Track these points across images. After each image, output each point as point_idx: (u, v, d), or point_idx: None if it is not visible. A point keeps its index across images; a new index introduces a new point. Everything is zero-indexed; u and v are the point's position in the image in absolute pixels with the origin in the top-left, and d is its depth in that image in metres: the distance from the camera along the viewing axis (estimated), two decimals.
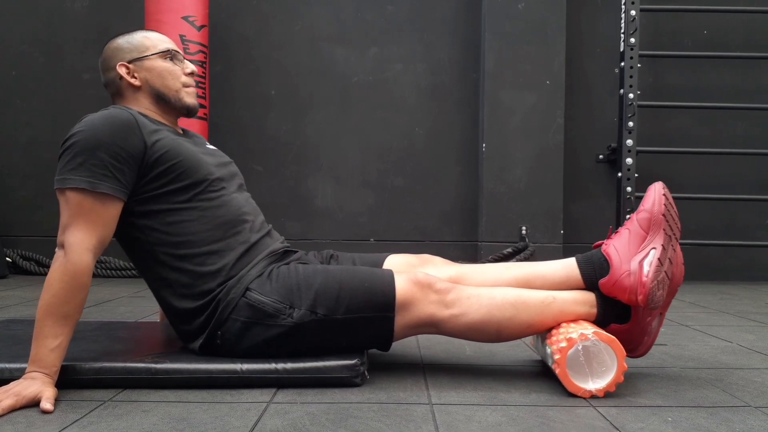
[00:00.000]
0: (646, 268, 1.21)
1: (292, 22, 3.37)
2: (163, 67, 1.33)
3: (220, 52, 3.33)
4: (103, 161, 1.16)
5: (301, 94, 3.37)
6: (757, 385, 1.28)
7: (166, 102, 1.34)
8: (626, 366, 1.17)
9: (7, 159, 3.33)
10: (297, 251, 1.43)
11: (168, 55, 1.34)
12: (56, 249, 1.15)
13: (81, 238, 1.14)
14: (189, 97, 1.36)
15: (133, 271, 3.06)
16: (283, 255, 1.36)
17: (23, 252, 3.20)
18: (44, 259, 3.17)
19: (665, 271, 1.21)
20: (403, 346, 1.59)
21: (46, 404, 1.05)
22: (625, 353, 1.17)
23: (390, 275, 1.24)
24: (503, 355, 1.52)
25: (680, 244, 1.33)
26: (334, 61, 3.37)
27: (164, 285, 1.27)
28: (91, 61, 3.32)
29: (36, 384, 1.08)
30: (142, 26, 2.90)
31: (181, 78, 1.35)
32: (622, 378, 1.17)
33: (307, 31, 3.37)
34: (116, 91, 1.35)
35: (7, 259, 3.15)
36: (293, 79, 3.37)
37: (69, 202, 1.15)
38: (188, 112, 1.37)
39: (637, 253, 1.24)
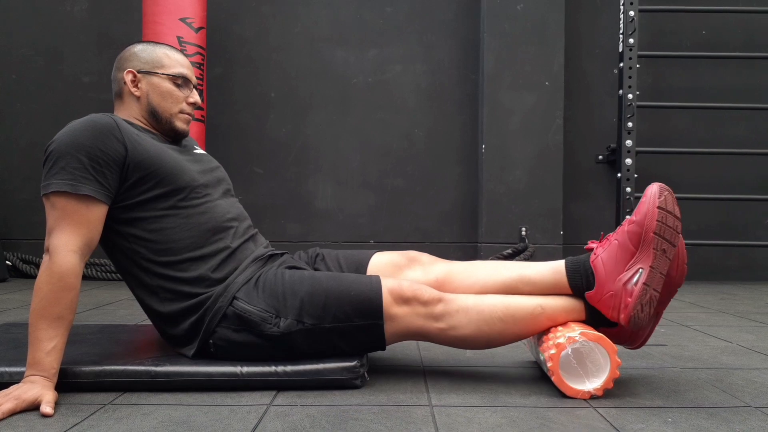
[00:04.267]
0: (629, 288, 1.18)
1: (292, 24, 3.37)
2: (167, 89, 1.34)
3: (220, 53, 3.33)
4: (83, 164, 1.17)
5: (301, 95, 3.38)
6: (757, 385, 1.28)
7: (157, 120, 1.35)
8: (620, 360, 1.17)
9: (7, 162, 3.33)
10: (283, 253, 1.42)
11: (178, 80, 1.34)
12: (44, 255, 1.16)
13: (65, 240, 1.15)
14: (180, 122, 1.36)
15: None
16: (269, 259, 1.36)
17: (23, 255, 3.19)
18: None
19: (653, 289, 1.18)
20: (403, 348, 1.60)
21: (46, 408, 1.05)
22: (616, 348, 1.17)
23: (377, 283, 1.24)
24: (503, 357, 1.52)
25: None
26: (333, 63, 3.38)
27: (147, 291, 1.27)
28: (90, 64, 3.33)
29: (36, 387, 1.08)
30: (140, 29, 2.91)
31: (181, 104, 1.35)
32: (618, 373, 1.17)
33: (306, 32, 3.37)
34: (118, 91, 1.36)
35: (7, 262, 3.14)
36: (293, 81, 3.37)
37: (53, 207, 1.16)
38: (175, 135, 1.37)
39: (623, 271, 1.20)
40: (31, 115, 3.33)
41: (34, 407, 1.07)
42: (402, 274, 1.37)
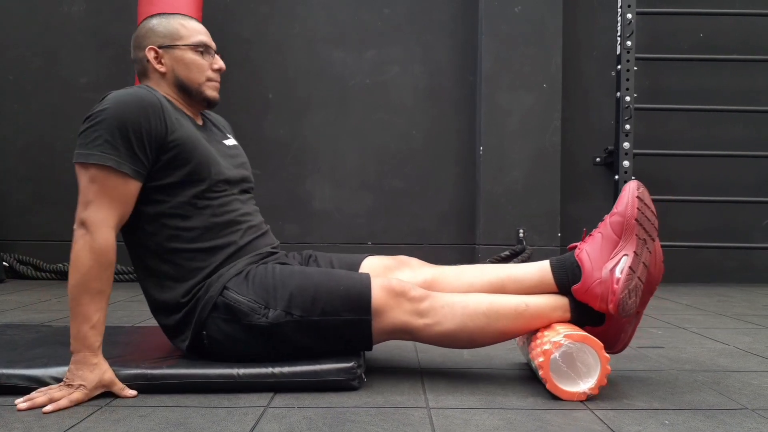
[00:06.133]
0: (617, 275, 1.20)
1: (290, 24, 3.37)
2: (191, 60, 1.33)
3: (218, 54, 3.32)
4: (129, 141, 1.17)
5: (299, 96, 3.37)
6: (754, 387, 1.28)
7: (187, 93, 1.35)
8: (608, 356, 1.17)
9: (4, 163, 3.32)
10: (278, 252, 1.43)
11: (200, 48, 1.34)
12: (75, 226, 1.15)
13: (105, 216, 1.15)
14: (210, 90, 1.37)
15: (130, 275, 3.06)
16: (266, 256, 1.37)
17: (20, 256, 3.19)
18: (41, 263, 3.16)
19: (638, 277, 1.20)
20: (400, 350, 1.59)
21: (127, 392, 1.15)
22: (602, 345, 1.18)
23: (366, 279, 1.25)
24: (501, 359, 1.52)
25: (677, 246, 1.33)
26: (331, 64, 3.37)
27: (150, 274, 1.28)
28: (87, 65, 3.32)
29: (95, 371, 1.13)
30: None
31: (207, 72, 1.36)
32: (609, 369, 1.17)
33: (304, 33, 3.37)
34: (142, 70, 1.36)
35: (4, 263, 3.14)
36: (291, 82, 3.37)
37: (93, 179, 1.16)
38: (208, 104, 1.38)
39: (608, 259, 1.23)
40: (28, 116, 3.32)
41: (105, 391, 1.15)
42: (392, 275, 1.38)
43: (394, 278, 1.28)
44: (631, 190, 1.24)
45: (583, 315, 1.27)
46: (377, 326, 1.23)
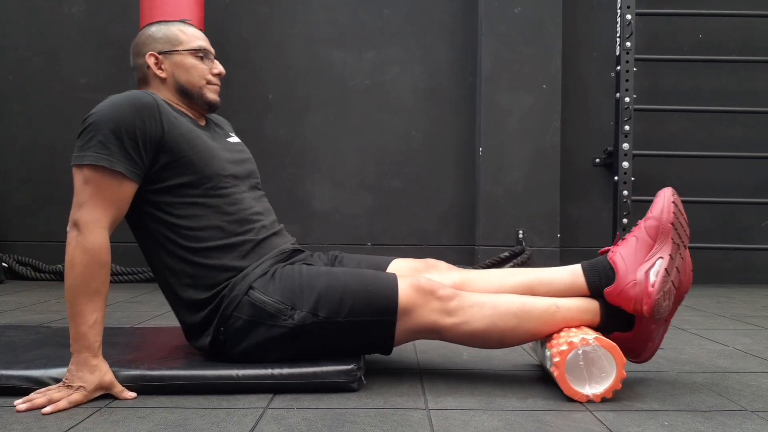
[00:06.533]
0: (652, 278, 1.19)
1: (290, 25, 3.37)
2: (192, 64, 1.35)
3: (218, 54, 3.29)
4: (122, 141, 1.17)
5: (299, 96, 3.37)
6: (753, 388, 1.28)
7: (188, 97, 1.36)
8: (625, 374, 1.16)
9: (3, 163, 3.32)
10: (304, 251, 1.43)
11: (199, 53, 1.36)
12: (68, 227, 1.15)
13: (97, 216, 1.15)
14: (211, 93, 1.38)
15: (129, 276, 3.06)
16: (291, 255, 1.37)
17: (19, 257, 3.19)
18: (41, 264, 3.16)
19: (672, 281, 1.20)
20: (400, 351, 1.59)
21: (127, 394, 1.14)
22: (625, 361, 1.17)
23: (393, 279, 1.25)
24: (500, 360, 1.52)
25: None
26: (331, 64, 3.38)
27: (171, 273, 1.28)
28: (87, 65, 3.32)
29: (95, 373, 1.13)
30: (137, 30, 2.90)
31: (207, 76, 1.37)
32: (620, 385, 1.16)
33: (304, 33, 3.37)
34: (142, 77, 1.37)
35: (3, 264, 3.14)
36: (291, 82, 3.37)
37: (87, 180, 1.16)
38: (209, 107, 1.39)
39: (643, 262, 1.22)
40: (28, 117, 3.32)
41: (104, 394, 1.15)
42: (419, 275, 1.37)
43: (422, 277, 1.27)
44: (666, 196, 1.25)
45: (613, 319, 1.27)
46: (404, 326, 1.23)
